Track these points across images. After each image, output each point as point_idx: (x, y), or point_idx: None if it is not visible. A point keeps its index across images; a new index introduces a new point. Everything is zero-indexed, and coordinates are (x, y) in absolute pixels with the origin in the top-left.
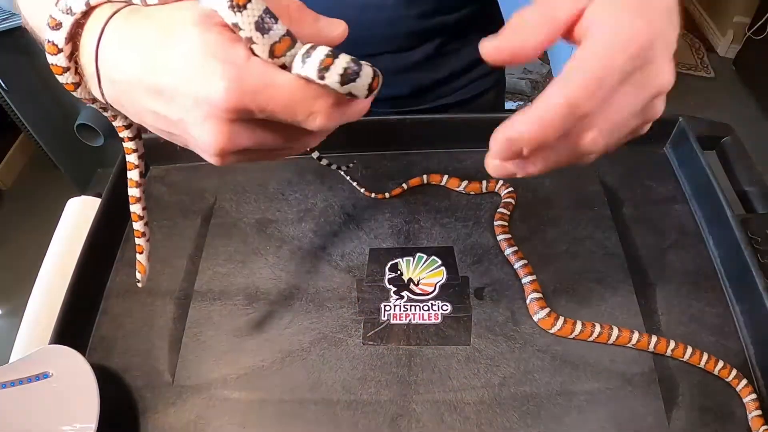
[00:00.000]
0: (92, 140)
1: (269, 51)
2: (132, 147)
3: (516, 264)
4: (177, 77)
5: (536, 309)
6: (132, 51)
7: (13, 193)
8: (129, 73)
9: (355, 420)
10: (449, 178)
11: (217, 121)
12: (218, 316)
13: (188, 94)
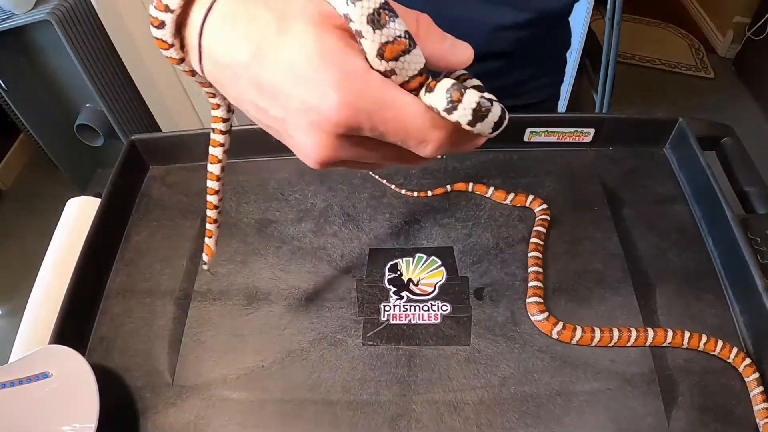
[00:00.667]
0: (92, 140)
1: (377, 51)
2: (220, 140)
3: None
4: (286, 76)
5: (550, 327)
6: (241, 36)
7: (13, 193)
8: (236, 59)
9: (355, 420)
10: (495, 191)
11: (323, 132)
12: (218, 316)
13: (296, 96)
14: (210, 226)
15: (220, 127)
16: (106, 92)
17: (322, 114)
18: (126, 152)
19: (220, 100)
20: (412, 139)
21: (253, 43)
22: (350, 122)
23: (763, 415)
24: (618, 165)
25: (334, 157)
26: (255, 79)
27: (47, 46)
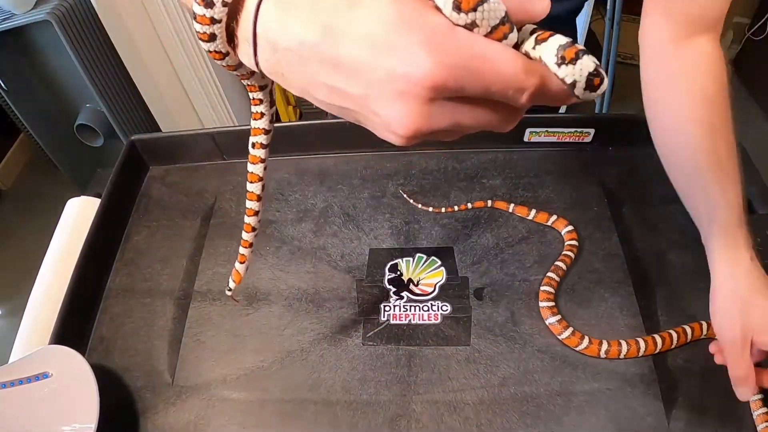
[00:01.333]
0: (92, 140)
1: (453, 4)
2: (262, 141)
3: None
4: (366, 48)
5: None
6: (304, 14)
7: (13, 193)
8: (302, 41)
9: (355, 420)
10: (516, 206)
11: (414, 99)
12: (218, 316)
13: (380, 67)
14: (244, 250)
15: (262, 126)
16: (106, 92)
17: (414, 80)
18: (126, 152)
19: (264, 95)
20: (510, 87)
21: (322, 21)
22: (447, 83)
23: (762, 419)
24: (618, 165)
25: (428, 127)
26: (330, 58)
27: (47, 46)
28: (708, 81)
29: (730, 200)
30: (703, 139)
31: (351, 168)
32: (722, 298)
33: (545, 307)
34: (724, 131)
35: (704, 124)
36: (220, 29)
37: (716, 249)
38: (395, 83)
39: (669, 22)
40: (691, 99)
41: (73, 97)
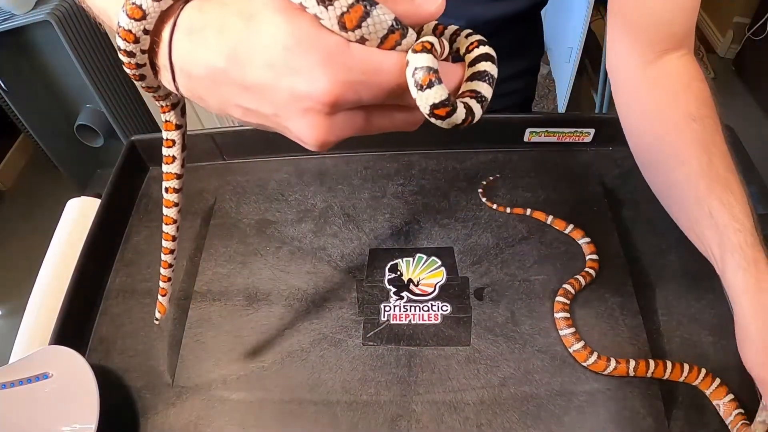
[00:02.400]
0: (92, 141)
1: (338, 24)
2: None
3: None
4: (267, 71)
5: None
6: (211, 44)
7: (13, 194)
8: (210, 68)
9: (355, 421)
10: (554, 219)
11: (317, 114)
12: (218, 317)
13: (284, 88)
14: (164, 284)
15: (174, 170)
16: (106, 92)
17: (315, 98)
18: (126, 152)
19: (177, 136)
20: (406, 93)
21: (226, 48)
22: (345, 97)
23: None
24: (618, 165)
25: (336, 136)
26: (239, 82)
27: (47, 46)
28: (689, 99)
29: (739, 218)
30: (697, 161)
31: (351, 168)
32: (756, 333)
33: (560, 318)
34: (717, 147)
35: (694, 146)
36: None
37: (736, 280)
38: (299, 102)
39: (635, 44)
40: (674, 123)
41: (73, 97)
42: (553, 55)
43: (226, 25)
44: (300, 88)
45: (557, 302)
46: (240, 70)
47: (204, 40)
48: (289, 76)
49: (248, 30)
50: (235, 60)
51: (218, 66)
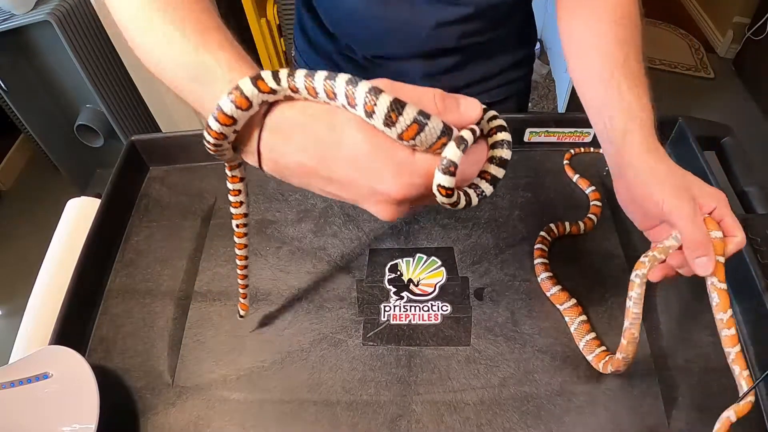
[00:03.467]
0: (92, 141)
1: (398, 138)
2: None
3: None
4: (352, 171)
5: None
6: (301, 146)
7: (13, 194)
8: (300, 164)
9: (355, 421)
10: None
11: (389, 204)
12: (218, 317)
13: (364, 185)
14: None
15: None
16: (106, 92)
17: (387, 195)
18: (126, 153)
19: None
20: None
21: (314, 151)
22: (410, 195)
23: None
24: None
25: (400, 215)
26: (324, 177)
27: (47, 46)
28: (616, 6)
29: (646, 105)
30: (617, 51)
31: None
32: (664, 176)
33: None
34: (635, 44)
35: (615, 42)
36: (232, 132)
37: (638, 144)
38: (376, 196)
39: None
40: (603, 21)
41: (73, 97)
42: (553, 55)
43: (314, 131)
44: (378, 188)
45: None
46: (327, 168)
47: (293, 142)
48: (369, 177)
49: (334, 140)
50: (323, 161)
51: (308, 164)
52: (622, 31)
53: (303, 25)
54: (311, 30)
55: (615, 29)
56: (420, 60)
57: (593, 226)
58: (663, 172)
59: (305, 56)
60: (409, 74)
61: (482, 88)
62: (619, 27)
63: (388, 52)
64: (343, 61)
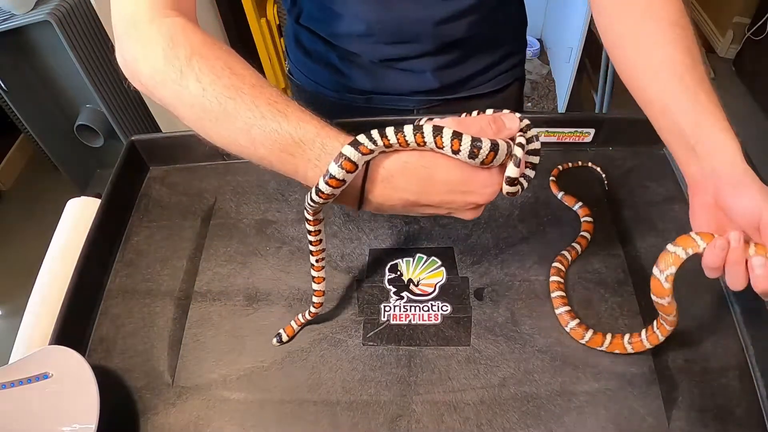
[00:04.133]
0: (92, 141)
1: (481, 165)
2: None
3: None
4: (449, 196)
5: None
6: (404, 187)
7: (13, 194)
8: (404, 200)
9: (355, 420)
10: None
11: (478, 210)
12: (218, 317)
13: (459, 201)
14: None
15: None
16: (106, 93)
17: (476, 203)
18: (126, 153)
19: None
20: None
21: (418, 189)
22: (489, 201)
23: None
24: (618, 165)
25: (481, 212)
26: (425, 204)
27: (47, 46)
28: (670, 9)
29: (715, 100)
30: (681, 57)
31: None
32: (741, 175)
33: (556, 297)
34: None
35: (677, 44)
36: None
37: (732, 153)
38: (468, 206)
39: None
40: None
41: (73, 97)
42: (553, 55)
43: (412, 174)
44: (470, 200)
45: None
46: (427, 198)
47: (398, 186)
48: (464, 195)
49: (428, 174)
50: (424, 194)
51: (411, 199)
52: (681, 32)
53: (298, 38)
54: (308, 41)
55: (676, 31)
56: (428, 57)
57: (587, 244)
58: (762, 186)
59: (302, 68)
60: (415, 71)
61: (487, 77)
62: (677, 28)
63: (394, 53)
64: (347, 67)
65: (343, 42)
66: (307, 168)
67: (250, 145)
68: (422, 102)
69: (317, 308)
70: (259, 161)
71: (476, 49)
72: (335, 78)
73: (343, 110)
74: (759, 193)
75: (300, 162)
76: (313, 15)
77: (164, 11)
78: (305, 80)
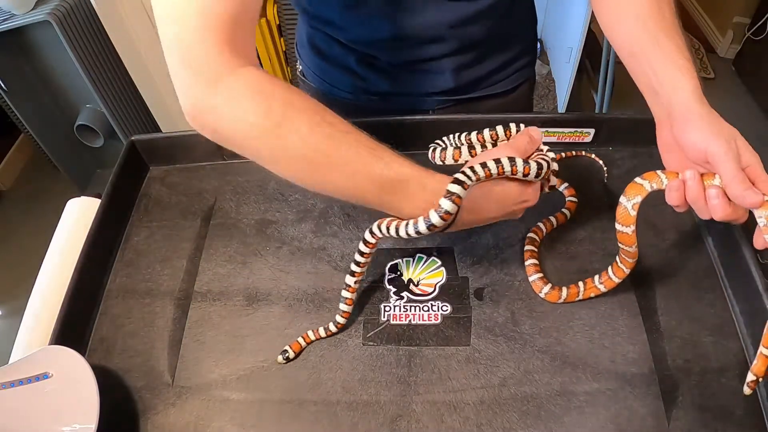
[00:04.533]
0: (92, 141)
1: (536, 177)
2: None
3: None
4: (514, 206)
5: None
6: (487, 209)
7: (13, 194)
8: (489, 218)
9: (355, 420)
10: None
11: (525, 211)
12: (218, 317)
13: (517, 210)
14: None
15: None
16: (106, 92)
17: (529, 206)
18: (126, 153)
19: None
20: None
21: (498, 208)
22: (535, 202)
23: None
24: (618, 165)
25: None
26: (500, 217)
27: (47, 46)
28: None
29: (687, 55)
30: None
31: None
32: (712, 123)
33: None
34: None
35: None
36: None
37: (689, 92)
38: (522, 211)
39: None
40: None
41: (73, 97)
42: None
43: (491, 196)
44: (525, 206)
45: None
46: (502, 212)
47: (483, 209)
48: (522, 204)
49: (502, 194)
50: (500, 209)
51: (490, 216)
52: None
53: (312, 41)
54: (324, 44)
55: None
56: (447, 58)
57: (566, 220)
58: (711, 120)
59: (316, 70)
60: (434, 72)
61: (501, 76)
62: None
63: (416, 56)
64: (365, 70)
65: (363, 47)
66: (403, 204)
67: (353, 188)
68: (438, 102)
69: (338, 329)
70: (356, 201)
71: (493, 49)
72: (352, 80)
73: (358, 111)
74: (707, 126)
75: (398, 199)
76: (332, 21)
77: (237, 60)
78: (319, 82)
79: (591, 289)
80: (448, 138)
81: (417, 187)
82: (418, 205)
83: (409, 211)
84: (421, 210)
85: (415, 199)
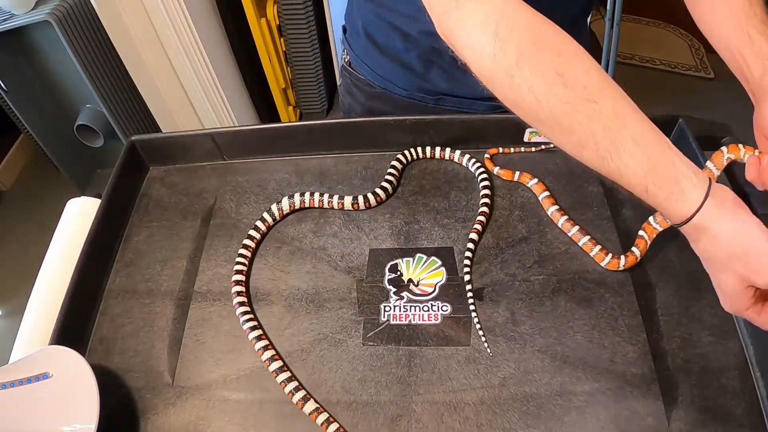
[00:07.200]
0: (92, 141)
1: None
2: None
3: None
4: (724, 290)
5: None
6: (744, 229)
7: (13, 194)
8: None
9: (355, 421)
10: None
11: (727, 305)
12: (218, 317)
13: (725, 298)
14: None
15: None
16: (105, 92)
17: (726, 303)
18: (126, 153)
19: None
20: None
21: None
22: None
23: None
24: None
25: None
26: (714, 279)
27: (47, 46)
28: None
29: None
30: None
31: (351, 168)
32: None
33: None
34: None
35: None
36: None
37: (757, 57)
38: (725, 303)
39: None
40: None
41: (73, 97)
42: None
43: (734, 243)
44: (728, 305)
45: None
46: (719, 281)
47: (735, 220)
48: (729, 302)
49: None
50: (719, 280)
51: (714, 277)
52: None
53: (368, 31)
54: (382, 35)
55: None
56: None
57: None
58: None
59: (369, 61)
60: None
61: None
62: None
63: None
64: (424, 67)
65: (430, 40)
66: (682, 205)
67: (592, 154)
68: (490, 107)
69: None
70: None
71: None
72: (408, 76)
73: (408, 108)
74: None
75: (683, 201)
76: (401, 10)
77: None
78: (371, 74)
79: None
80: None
81: (687, 181)
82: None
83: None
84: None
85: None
